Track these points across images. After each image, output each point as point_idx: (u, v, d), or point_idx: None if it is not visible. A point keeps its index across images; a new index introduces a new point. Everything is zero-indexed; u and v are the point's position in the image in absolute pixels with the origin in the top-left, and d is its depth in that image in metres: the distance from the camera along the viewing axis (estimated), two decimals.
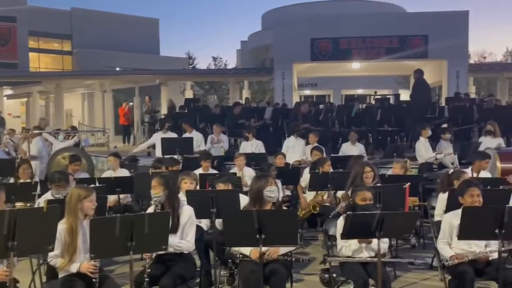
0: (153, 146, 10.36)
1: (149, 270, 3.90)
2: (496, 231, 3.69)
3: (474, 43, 44.30)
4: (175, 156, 8.15)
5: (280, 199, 6.46)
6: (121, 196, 6.64)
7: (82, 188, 4.09)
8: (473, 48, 42.21)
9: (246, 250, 4.13)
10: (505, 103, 16.05)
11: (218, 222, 4.73)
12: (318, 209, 6.61)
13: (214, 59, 36.64)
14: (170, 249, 3.94)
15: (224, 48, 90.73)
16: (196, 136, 9.61)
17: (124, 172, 7.48)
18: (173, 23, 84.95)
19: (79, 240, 3.83)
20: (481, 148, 9.11)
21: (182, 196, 5.17)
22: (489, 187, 5.11)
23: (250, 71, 25.01)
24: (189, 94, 22.08)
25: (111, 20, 35.63)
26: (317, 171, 6.60)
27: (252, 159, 8.10)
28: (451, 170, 6.21)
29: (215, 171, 7.65)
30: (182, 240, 4.10)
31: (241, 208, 4.68)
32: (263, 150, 9.40)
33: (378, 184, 5.64)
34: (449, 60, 17.10)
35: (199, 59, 71.57)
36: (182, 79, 24.28)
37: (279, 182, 6.65)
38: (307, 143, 9.36)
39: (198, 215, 5.10)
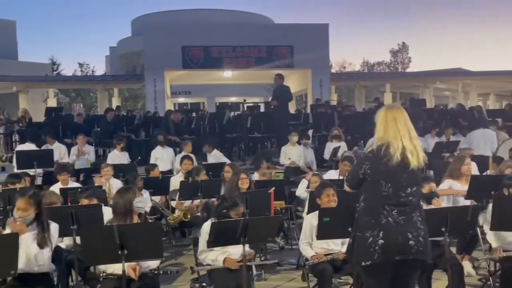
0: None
1: None
2: (349, 229, 3.97)
3: (335, 53, 48.06)
4: (31, 171, 7.52)
5: (147, 209, 6.34)
6: None
7: None
8: (334, 58, 45.72)
9: (111, 268, 3.92)
10: (361, 109, 17.55)
11: None
12: (189, 217, 6.56)
13: (81, 65, 34.84)
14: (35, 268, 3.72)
15: (92, 54, 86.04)
16: (58, 148, 8.95)
17: None
18: (34, 26, 78.58)
19: None
20: (326, 151, 9.85)
21: None
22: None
23: (120, 78, 24.11)
24: (52, 103, 20.55)
25: None
26: (187, 180, 6.55)
27: (120, 170, 7.78)
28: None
29: (77, 185, 7.19)
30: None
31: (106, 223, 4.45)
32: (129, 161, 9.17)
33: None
34: (313, 69, 18.26)
35: (64, 65, 67.25)
36: (44, 86, 22.52)
37: (146, 193, 6.49)
38: (180, 152, 9.30)
39: (59, 234, 4.75)
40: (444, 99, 28.27)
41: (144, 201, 4.44)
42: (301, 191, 6.78)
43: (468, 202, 5.45)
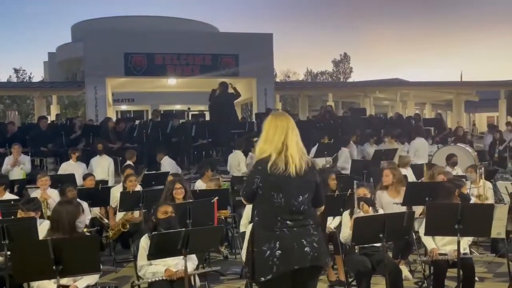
0: None
1: None
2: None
3: (280, 63, 48.81)
4: None
5: (87, 222, 6.12)
6: None
7: None
8: (279, 67, 46.37)
9: (44, 284, 3.74)
10: (305, 118, 17.86)
11: None
12: (127, 226, 6.40)
13: (16, 71, 33.40)
14: None
15: (29, 60, 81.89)
16: None
17: None
18: None
19: None
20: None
21: None
22: None
23: (58, 85, 23.21)
24: None
25: None
26: (127, 190, 6.39)
27: (59, 181, 7.50)
28: None
29: (13, 197, 6.83)
30: None
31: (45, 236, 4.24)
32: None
33: (190, 200, 5.70)
34: (257, 78, 18.40)
35: None
36: None
37: (84, 204, 6.28)
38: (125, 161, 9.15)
39: None
40: (384, 108, 29.36)
41: (83, 221, 4.30)
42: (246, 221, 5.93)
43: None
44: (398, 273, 4.64)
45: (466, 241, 4.85)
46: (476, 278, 4.96)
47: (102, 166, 9.18)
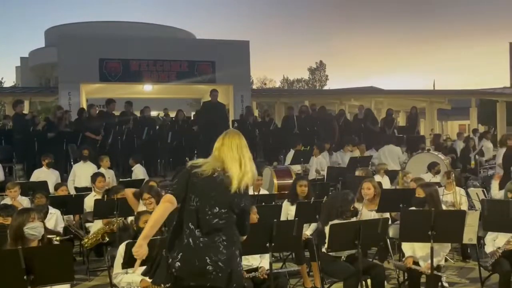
0: None
1: None
2: (267, 244, 4.03)
3: (257, 70, 48.96)
4: None
5: (60, 230, 6.00)
6: None
7: None
8: (256, 74, 46.54)
9: None
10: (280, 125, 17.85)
11: None
12: (107, 238, 6.28)
13: None
14: None
15: (0, 64, 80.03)
16: None
17: None
18: None
19: None
20: None
21: None
22: (263, 204, 5.57)
23: (31, 90, 22.75)
24: None
25: None
26: (103, 198, 6.29)
27: (30, 189, 7.34)
28: None
29: None
30: None
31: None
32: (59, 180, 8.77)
33: None
34: (234, 85, 18.41)
35: None
36: None
37: (58, 212, 6.15)
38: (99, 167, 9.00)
39: None
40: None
41: (41, 226, 4.14)
42: None
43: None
44: (382, 276, 4.67)
45: (442, 254, 4.81)
46: (446, 284, 5.04)
47: (86, 173, 8.88)
